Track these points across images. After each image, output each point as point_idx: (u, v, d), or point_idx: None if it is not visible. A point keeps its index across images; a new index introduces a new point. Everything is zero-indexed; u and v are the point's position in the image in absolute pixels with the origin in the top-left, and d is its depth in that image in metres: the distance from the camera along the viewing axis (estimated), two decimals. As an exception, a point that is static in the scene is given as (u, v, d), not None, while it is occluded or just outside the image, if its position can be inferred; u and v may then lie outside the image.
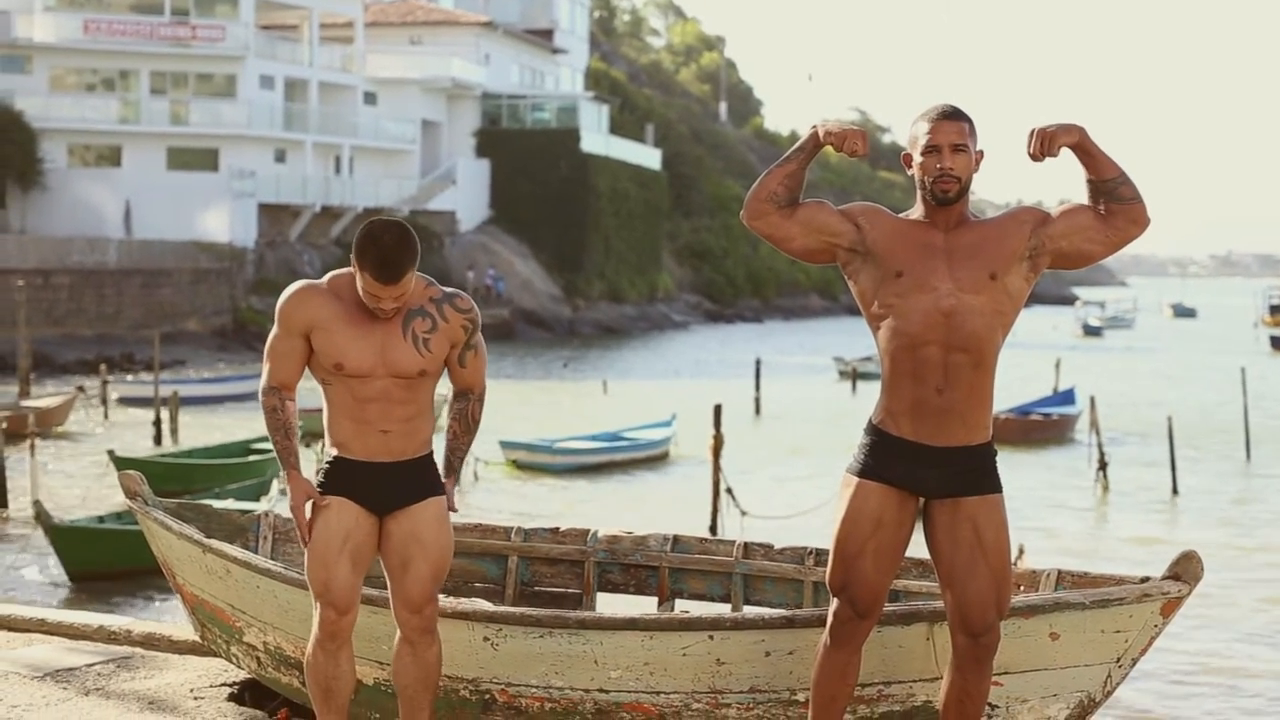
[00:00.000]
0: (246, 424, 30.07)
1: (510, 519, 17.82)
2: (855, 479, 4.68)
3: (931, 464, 4.61)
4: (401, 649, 4.89)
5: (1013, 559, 14.62)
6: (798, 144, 4.66)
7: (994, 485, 4.69)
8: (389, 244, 4.62)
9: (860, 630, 4.68)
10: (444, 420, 5.04)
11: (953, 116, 4.62)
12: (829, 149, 4.71)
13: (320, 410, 4.92)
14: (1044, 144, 4.60)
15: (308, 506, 4.83)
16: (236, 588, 5.74)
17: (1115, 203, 4.63)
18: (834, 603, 4.70)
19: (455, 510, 4.96)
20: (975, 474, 4.65)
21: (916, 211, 4.71)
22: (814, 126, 4.64)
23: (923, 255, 4.60)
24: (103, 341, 45.64)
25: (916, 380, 4.60)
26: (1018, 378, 43.37)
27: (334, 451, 4.84)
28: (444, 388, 5.22)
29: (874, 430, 4.69)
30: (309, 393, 5.46)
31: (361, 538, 4.81)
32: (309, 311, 4.77)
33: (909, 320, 4.59)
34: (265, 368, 4.86)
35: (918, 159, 4.62)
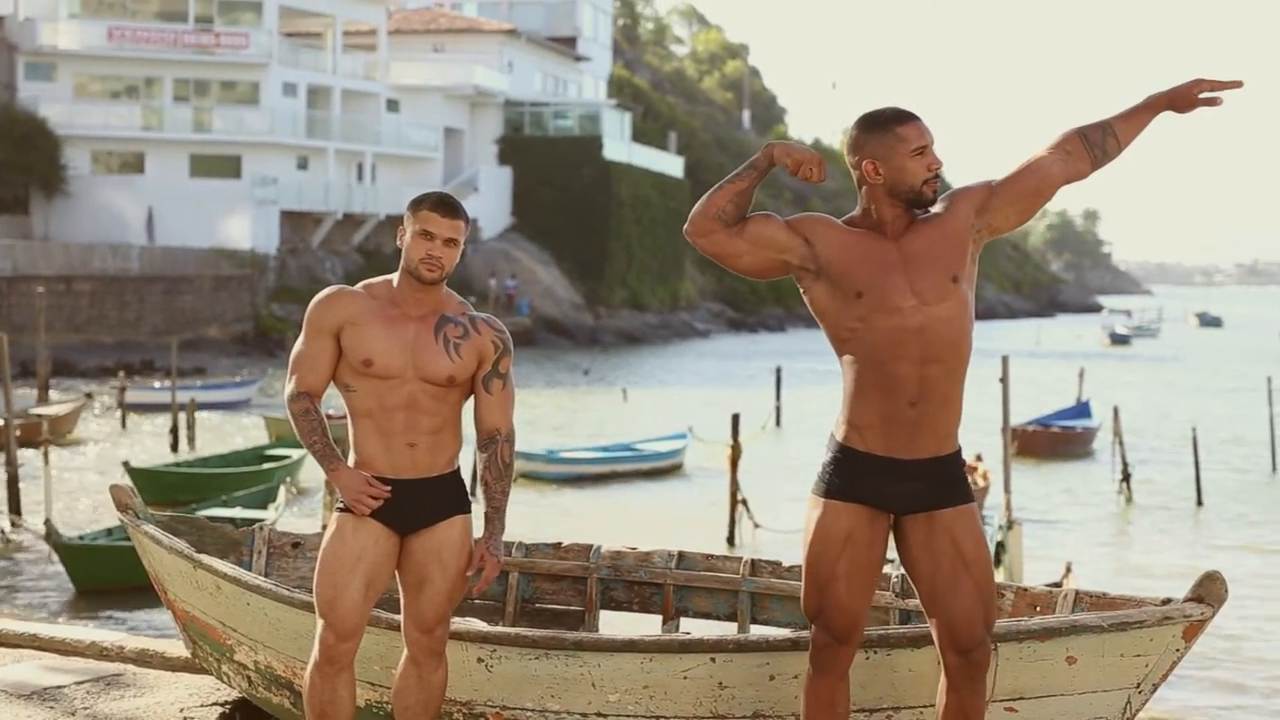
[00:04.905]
0: (253, 430, 30.01)
1: (512, 532, 17.64)
2: (822, 500, 4.49)
3: (902, 478, 4.42)
4: (407, 669, 4.73)
5: (1060, 577, 14.35)
6: (749, 162, 4.48)
7: (966, 495, 4.50)
8: (446, 193, 4.74)
9: (841, 656, 4.49)
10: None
11: (919, 117, 4.48)
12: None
13: (345, 418, 4.76)
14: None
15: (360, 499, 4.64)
16: (227, 604, 5.57)
17: (1100, 155, 4.52)
18: (812, 629, 4.52)
19: (499, 568, 4.78)
20: (947, 485, 4.46)
21: (864, 218, 4.51)
22: (769, 145, 4.48)
23: (880, 271, 4.41)
24: (124, 348, 45.67)
25: (886, 393, 4.41)
26: (1043, 389, 43.10)
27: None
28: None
29: (838, 447, 4.50)
30: (332, 398, 5.31)
31: (378, 558, 4.64)
32: (340, 309, 4.66)
33: (876, 346, 4.41)
34: (291, 377, 4.72)
35: (901, 164, 4.41)
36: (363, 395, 4.66)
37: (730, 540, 19.70)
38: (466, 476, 16.07)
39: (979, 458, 22.87)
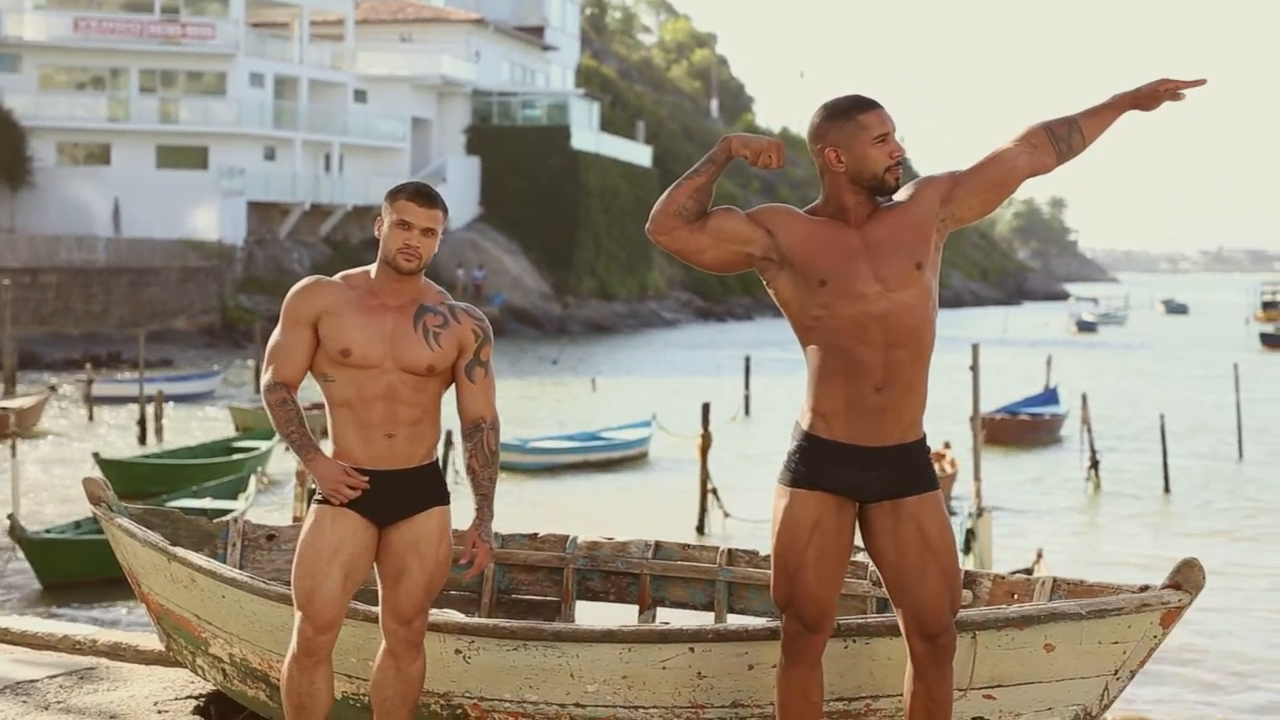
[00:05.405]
0: (218, 421, 29.89)
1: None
2: (788, 489, 4.50)
3: (867, 466, 4.43)
4: (385, 661, 4.70)
5: (1031, 564, 14.38)
6: (707, 156, 4.48)
7: (931, 482, 4.52)
8: (424, 183, 4.72)
9: (813, 645, 4.49)
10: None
11: (881, 105, 4.49)
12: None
13: (323, 407, 4.73)
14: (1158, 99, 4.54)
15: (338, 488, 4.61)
16: (202, 597, 5.54)
17: (1065, 150, 4.54)
18: (784, 618, 4.53)
19: (490, 555, 4.77)
20: (912, 473, 4.48)
21: (826, 206, 4.52)
22: (726, 138, 4.48)
23: (843, 259, 4.42)
24: (90, 340, 45.44)
25: (851, 379, 4.42)
26: (1010, 377, 43.25)
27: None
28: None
29: (804, 435, 4.51)
30: (308, 389, 5.27)
31: (357, 549, 4.62)
32: (318, 299, 4.63)
33: (840, 333, 4.41)
34: (268, 368, 4.69)
35: (863, 151, 4.43)
36: (341, 385, 4.63)
37: (700, 529, 19.72)
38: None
39: (947, 445, 22.96)
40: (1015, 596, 5.41)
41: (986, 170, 4.54)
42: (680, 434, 26.29)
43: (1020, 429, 30.68)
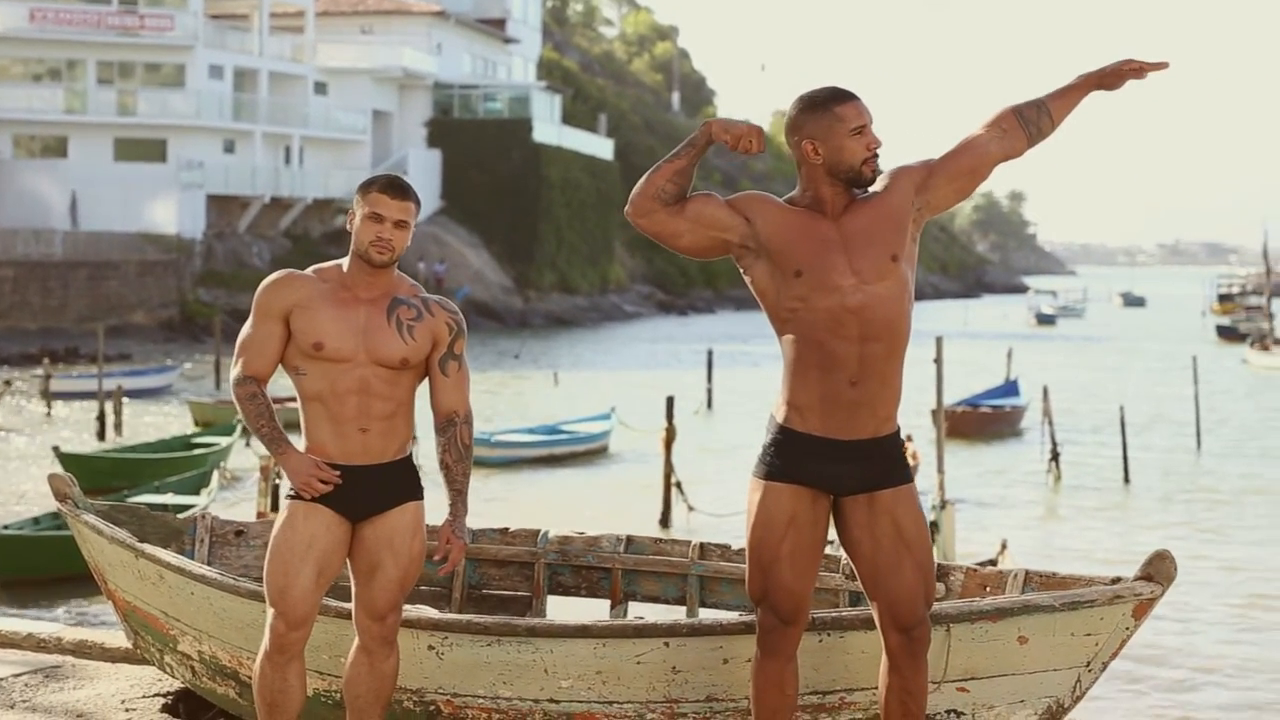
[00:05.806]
0: (175, 416, 29.71)
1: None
2: (763, 482, 4.50)
3: (842, 459, 4.44)
4: (358, 657, 4.68)
5: (995, 555, 14.37)
6: (688, 140, 4.48)
7: (905, 475, 4.54)
8: (396, 175, 4.70)
9: (788, 638, 4.50)
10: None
11: (858, 97, 4.49)
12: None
13: (294, 400, 4.69)
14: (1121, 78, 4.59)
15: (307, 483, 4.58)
16: (170, 594, 5.49)
17: (1036, 133, 4.56)
18: (759, 611, 4.52)
19: (465, 550, 4.73)
20: (887, 466, 4.49)
21: (803, 197, 4.52)
22: (706, 122, 4.47)
23: (819, 250, 4.42)
24: (47, 334, 45.11)
25: (826, 372, 4.42)
26: (971, 370, 43.40)
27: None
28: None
29: (778, 428, 4.50)
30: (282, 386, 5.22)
31: (330, 545, 4.59)
32: (290, 292, 4.60)
33: (816, 325, 4.42)
34: (238, 361, 4.65)
35: (840, 143, 4.42)
36: (313, 379, 4.60)
37: (664, 523, 19.70)
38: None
39: (909, 438, 22.99)
40: (988, 589, 5.42)
41: (960, 157, 4.56)
42: (642, 428, 26.28)
43: (981, 421, 30.77)
